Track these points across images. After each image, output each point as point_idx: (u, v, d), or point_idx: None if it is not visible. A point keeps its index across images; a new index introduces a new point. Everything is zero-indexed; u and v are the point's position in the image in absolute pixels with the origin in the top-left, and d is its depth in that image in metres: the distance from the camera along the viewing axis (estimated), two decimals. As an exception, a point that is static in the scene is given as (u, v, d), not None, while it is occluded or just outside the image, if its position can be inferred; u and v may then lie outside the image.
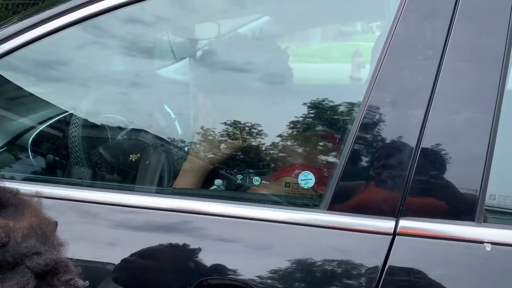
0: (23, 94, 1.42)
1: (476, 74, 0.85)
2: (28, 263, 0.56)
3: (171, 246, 0.92)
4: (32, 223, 0.61)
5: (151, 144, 1.32)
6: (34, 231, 0.60)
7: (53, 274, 0.57)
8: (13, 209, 0.63)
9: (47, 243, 0.61)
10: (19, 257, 0.56)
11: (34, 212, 0.64)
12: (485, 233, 0.81)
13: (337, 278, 0.83)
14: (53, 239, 0.64)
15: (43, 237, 0.61)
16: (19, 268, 0.55)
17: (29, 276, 0.55)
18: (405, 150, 0.84)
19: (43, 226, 0.63)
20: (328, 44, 1.81)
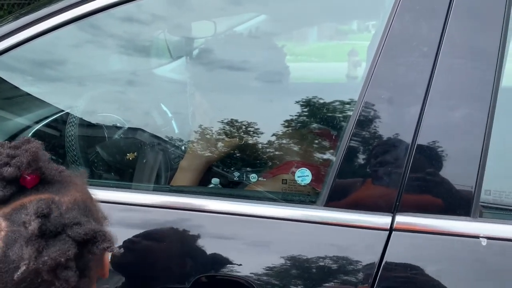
0: (19, 94, 1.42)
1: (471, 72, 0.85)
2: (70, 232, 0.61)
3: (169, 243, 0.92)
4: (76, 198, 0.68)
5: (148, 143, 1.32)
6: (77, 204, 0.67)
7: (92, 243, 0.62)
8: (59, 185, 0.68)
9: (88, 215, 0.68)
10: (61, 227, 0.61)
11: (79, 188, 0.71)
12: (481, 228, 0.81)
13: (334, 274, 0.84)
14: (94, 213, 0.70)
15: (85, 210, 0.68)
16: (61, 237, 0.60)
17: (70, 244, 0.60)
18: (401, 147, 0.85)
19: (86, 201, 0.70)
20: (324, 43, 1.82)
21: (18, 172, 0.64)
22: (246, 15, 1.59)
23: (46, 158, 0.68)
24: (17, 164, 0.64)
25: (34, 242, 0.58)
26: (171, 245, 0.92)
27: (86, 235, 0.61)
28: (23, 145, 0.67)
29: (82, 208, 0.67)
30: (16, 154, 0.66)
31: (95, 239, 0.62)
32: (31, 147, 0.66)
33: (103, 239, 0.62)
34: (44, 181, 0.67)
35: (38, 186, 0.67)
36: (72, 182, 0.70)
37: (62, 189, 0.68)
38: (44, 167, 0.67)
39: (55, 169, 0.68)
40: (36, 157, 0.65)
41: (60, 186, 0.68)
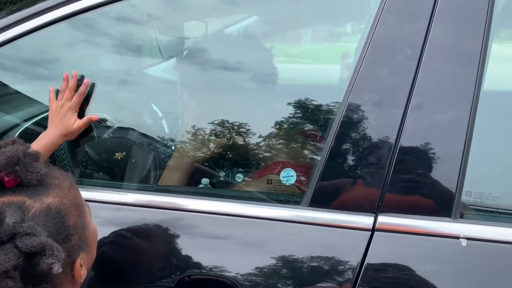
0: (8, 92, 1.42)
1: (453, 74, 0.87)
2: (18, 242, 0.61)
3: (155, 242, 0.93)
4: (50, 203, 0.68)
5: (137, 143, 1.33)
6: (48, 210, 0.67)
7: (40, 256, 0.61)
8: (39, 188, 0.68)
9: (59, 222, 0.67)
10: (9, 236, 0.61)
11: (60, 193, 0.70)
12: (461, 229, 0.83)
13: (318, 273, 0.85)
14: (71, 219, 0.70)
15: (57, 217, 0.67)
16: (5, 246, 0.60)
17: (13, 254, 0.60)
18: (384, 148, 0.86)
19: (63, 208, 0.69)
20: (317, 45, 1.83)
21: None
22: (238, 16, 1.59)
23: (28, 160, 0.69)
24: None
25: None
26: (156, 244, 0.93)
27: (33, 247, 0.61)
28: (6, 145, 0.68)
29: (53, 214, 0.67)
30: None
31: (43, 253, 0.61)
32: (8, 150, 0.67)
33: (50, 254, 0.61)
34: (24, 183, 0.68)
35: (17, 187, 0.67)
36: (55, 185, 0.71)
37: (40, 193, 0.68)
38: (21, 170, 0.67)
39: (36, 172, 0.68)
40: (11, 161, 0.66)
41: (39, 190, 0.68)
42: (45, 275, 0.63)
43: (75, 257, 0.71)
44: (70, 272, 0.71)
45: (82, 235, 0.73)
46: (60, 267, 0.61)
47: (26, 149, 0.70)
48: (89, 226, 0.76)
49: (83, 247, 0.72)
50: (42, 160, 0.72)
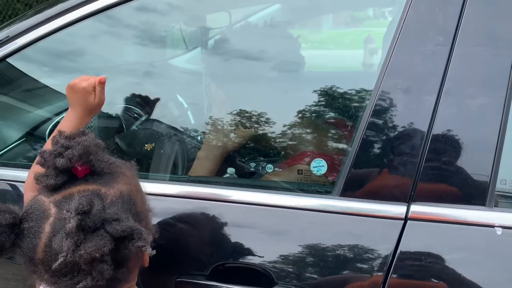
0: (39, 86, 1.45)
1: (487, 60, 0.85)
2: (108, 228, 0.63)
3: (187, 231, 0.94)
4: (122, 190, 0.71)
5: (165, 134, 1.34)
6: (122, 197, 0.70)
7: (129, 240, 0.64)
8: (108, 176, 0.71)
9: (132, 208, 0.71)
10: (100, 222, 0.63)
11: (127, 180, 0.73)
12: (496, 217, 0.81)
13: (349, 262, 0.85)
14: (139, 205, 0.73)
15: (129, 202, 0.71)
16: (99, 232, 0.63)
17: (107, 239, 0.62)
18: (416, 136, 0.85)
19: (132, 193, 0.72)
20: (340, 30, 1.81)
21: (69, 164, 0.68)
22: (260, 5, 1.59)
23: (98, 150, 0.71)
24: (69, 156, 0.68)
25: (74, 235, 0.61)
26: (188, 234, 0.95)
27: (124, 232, 0.63)
28: (77, 136, 0.71)
29: (127, 200, 0.70)
30: (70, 145, 0.69)
31: (132, 237, 0.64)
32: (83, 140, 0.69)
33: (139, 237, 0.64)
34: (95, 172, 0.71)
35: (89, 176, 0.70)
36: (121, 173, 0.74)
37: (111, 181, 0.71)
38: (95, 159, 0.70)
39: (105, 161, 0.71)
40: (87, 151, 0.69)
41: (109, 178, 0.71)
42: (125, 260, 0.66)
43: None
44: (141, 256, 0.73)
45: (148, 220, 0.76)
46: (150, 249, 0.64)
47: (94, 140, 0.72)
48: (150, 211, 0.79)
49: (151, 231, 0.75)
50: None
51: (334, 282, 0.85)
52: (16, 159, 1.35)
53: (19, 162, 1.33)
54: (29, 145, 1.42)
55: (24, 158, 1.37)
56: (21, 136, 1.41)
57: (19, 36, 1.12)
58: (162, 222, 0.93)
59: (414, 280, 0.83)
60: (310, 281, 0.86)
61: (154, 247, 0.67)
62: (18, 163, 1.32)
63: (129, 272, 0.71)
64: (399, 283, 0.83)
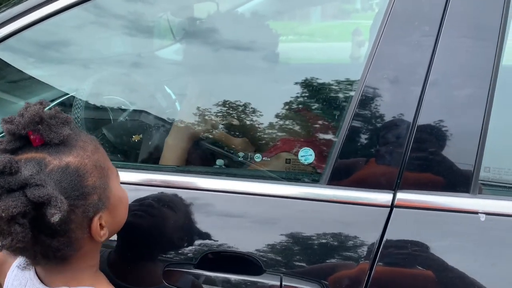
0: (24, 77, 1.43)
1: (471, 50, 0.86)
2: (27, 192, 0.65)
3: (175, 221, 0.94)
4: (69, 163, 0.72)
5: (153, 125, 1.34)
6: (65, 169, 0.71)
7: (46, 206, 0.65)
8: (62, 147, 0.73)
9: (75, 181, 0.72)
10: (18, 184, 0.65)
11: (83, 154, 0.74)
12: (480, 204, 0.83)
13: (337, 250, 0.86)
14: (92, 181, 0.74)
15: (74, 176, 0.72)
16: (14, 194, 0.65)
17: (21, 202, 0.64)
18: (402, 126, 0.86)
19: (83, 168, 0.73)
20: (327, 22, 1.81)
21: (16, 130, 0.71)
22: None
23: (54, 122, 0.73)
24: (17, 122, 0.71)
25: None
26: (177, 223, 0.95)
27: (41, 197, 0.65)
28: (33, 105, 0.73)
29: (71, 173, 0.72)
30: (23, 114, 0.72)
31: (49, 203, 0.65)
32: (32, 109, 0.72)
33: (54, 205, 0.65)
34: (47, 142, 0.72)
35: (43, 146, 0.72)
36: (79, 147, 0.75)
37: (62, 152, 0.73)
38: (44, 129, 0.72)
39: (59, 132, 0.73)
40: (33, 119, 0.71)
41: (61, 149, 0.73)
42: (60, 228, 0.68)
43: (91, 215, 0.74)
44: (87, 229, 0.75)
45: (102, 195, 0.76)
46: (58, 217, 0.65)
47: (55, 113, 0.74)
48: (112, 189, 0.79)
49: (100, 206, 0.76)
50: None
51: (321, 269, 0.86)
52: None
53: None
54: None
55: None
56: (6, 127, 1.39)
57: (2, 25, 1.10)
58: (150, 211, 0.93)
59: (400, 267, 0.84)
60: (298, 269, 0.87)
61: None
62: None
63: (71, 243, 0.73)
64: (385, 270, 0.84)
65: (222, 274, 0.89)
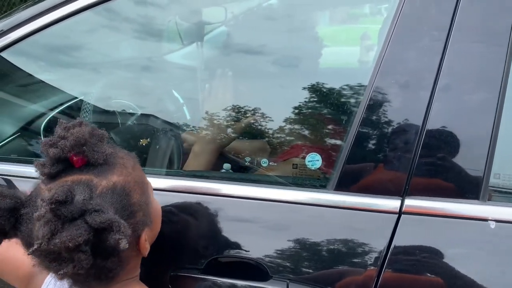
0: (34, 81, 1.44)
1: (481, 55, 0.85)
2: (88, 218, 0.64)
3: (182, 225, 0.94)
4: (115, 181, 0.71)
5: (160, 129, 1.34)
6: (114, 188, 0.71)
7: (108, 232, 0.64)
8: (105, 167, 0.72)
9: (124, 200, 0.71)
10: (79, 212, 0.64)
11: (125, 172, 0.74)
12: (490, 211, 0.82)
13: (344, 256, 0.85)
14: (135, 196, 0.73)
15: (122, 195, 0.71)
16: (76, 222, 0.63)
17: (84, 230, 0.63)
18: (411, 131, 0.85)
19: (128, 186, 0.73)
20: (335, 27, 1.81)
21: (61, 154, 0.70)
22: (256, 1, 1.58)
23: (95, 141, 0.72)
24: (62, 146, 0.70)
25: (51, 223, 0.62)
26: (184, 228, 0.95)
27: (102, 223, 0.64)
28: (74, 127, 0.72)
29: (119, 192, 0.71)
30: (65, 136, 0.71)
31: (111, 229, 0.64)
32: (77, 131, 0.71)
33: (117, 230, 0.64)
34: (91, 163, 0.72)
35: (85, 166, 0.71)
36: (120, 165, 0.74)
37: (106, 172, 0.72)
38: (89, 150, 0.71)
39: (101, 152, 0.72)
40: (79, 142, 0.70)
41: (105, 169, 0.72)
42: (113, 249, 0.67)
43: (139, 232, 0.74)
44: (136, 246, 0.75)
45: (146, 212, 0.76)
46: (127, 243, 0.64)
47: (92, 130, 0.73)
48: (152, 203, 0.79)
49: (147, 223, 0.76)
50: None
51: (328, 275, 0.85)
52: (10, 153, 1.35)
53: (14, 157, 1.33)
54: (24, 140, 1.42)
55: (19, 153, 1.37)
56: (16, 131, 1.41)
57: (13, 30, 1.11)
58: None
59: (407, 274, 0.83)
60: (305, 275, 0.86)
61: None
62: (12, 157, 1.32)
63: (122, 262, 0.72)
64: (393, 276, 0.83)
65: (228, 280, 0.89)
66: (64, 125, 0.72)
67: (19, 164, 1.14)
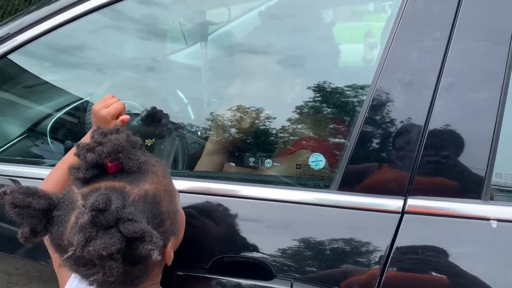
0: (40, 82, 1.46)
1: (483, 54, 0.85)
2: (121, 227, 0.64)
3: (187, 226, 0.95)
4: (147, 190, 0.72)
5: (165, 129, 1.35)
6: (146, 196, 0.71)
7: (140, 241, 0.64)
8: (137, 174, 0.72)
9: (155, 208, 0.71)
10: (114, 221, 0.64)
11: (156, 180, 0.74)
12: (492, 211, 0.82)
13: (347, 255, 0.86)
14: (164, 205, 0.74)
15: (153, 203, 0.71)
16: (110, 231, 0.63)
17: (117, 239, 0.63)
18: (413, 131, 0.86)
19: (159, 194, 0.73)
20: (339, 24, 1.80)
21: (98, 159, 0.70)
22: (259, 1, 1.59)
23: (131, 148, 0.73)
24: (99, 152, 0.70)
25: (86, 230, 0.62)
26: (188, 228, 0.96)
27: (135, 233, 0.64)
28: (111, 134, 0.72)
29: (150, 200, 0.71)
30: (102, 142, 0.71)
31: (143, 239, 0.64)
32: (115, 138, 0.71)
33: (149, 240, 0.64)
34: (125, 170, 0.72)
35: (119, 173, 0.72)
36: (151, 173, 0.75)
37: (138, 179, 0.72)
38: (124, 157, 0.71)
39: (136, 160, 0.72)
40: (116, 149, 0.70)
41: (138, 176, 0.72)
42: (142, 258, 0.67)
43: (167, 241, 0.75)
44: (162, 254, 0.75)
45: (174, 220, 0.77)
46: (159, 255, 0.64)
47: (128, 137, 0.73)
48: (179, 211, 0.80)
49: (174, 231, 0.76)
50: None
51: (331, 275, 0.86)
52: (17, 155, 1.36)
53: (20, 158, 1.35)
54: (30, 141, 1.44)
55: (25, 154, 1.38)
56: (22, 132, 1.42)
57: (20, 32, 1.13)
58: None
59: (410, 273, 0.84)
60: (308, 274, 0.87)
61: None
62: (19, 159, 1.33)
63: (147, 269, 0.73)
64: (396, 276, 0.84)
65: (233, 279, 0.90)
66: (102, 131, 0.73)
67: (26, 166, 1.16)
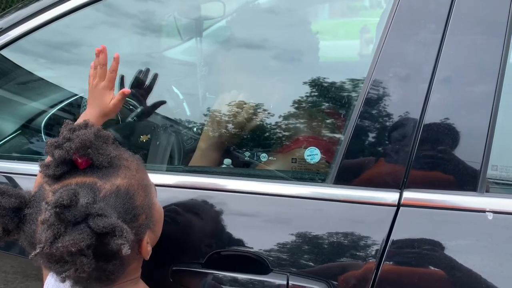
0: (34, 79, 1.45)
1: (478, 48, 0.85)
2: (91, 223, 0.63)
3: (183, 221, 0.95)
4: (119, 185, 0.71)
5: (161, 125, 1.35)
6: (118, 191, 0.70)
7: (110, 236, 0.64)
8: (109, 169, 0.72)
9: (127, 203, 0.70)
10: (82, 216, 0.63)
11: (129, 175, 0.73)
12: (488, 203, 0.83)
13: (343, 249, 0.86)
14: (138, 199, 0.73)
15: (125, 198, 0.71)
16: (79, 226, 0.63)
17: (86, 234, 0.62)
18: (409, 124, 0.86)
19: (132, 189, 0.72)
20: (335, 20, 1.80)
21: (66, 156, 0.69)
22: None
23: (101, 143, 0.72)
24: (67, 148, 0.69)
25: (55, 227, 0.61)
26: (184, 223, 0.95)
27: (105, 228, 0.63)
28: (79, 129, 0.71)
29: (122, 195, 0.71)
30: (71, 137, 0.70)
31: (113, 234, 0.64)
32: (82, 133, 0.70)
33: (120, 235, 0.64)
34: (96, 165, 0.71)
35: (89, 168, 0.71)
36: (124, 167, 0.74)
37: (110, 174, 0.71)
38: (94, 153, 0.70)
39: (106, 155, 0.71)
40: (84, 144, 0.69)
41: (109, 171, 0.72)
42: (115, 253, 0.66)
43: (142, 235, 0.74)
44: (138, 249, 0.75)
45: (149, 214, 0.76)
46: (129, 248, 0.64)
47: (97, 132, 0.72)
48: (155, 205, 0.79)
49: (149, 225, 0.76)
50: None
51: (327, 268, 0.86)
52: (11, 151, 1.36)
53: (14, 155, 1.34)
54: (25, 138, 1.43)
55: (19, 150, 1.38)
56: (17, 128, 1.41)
57: (12, 27, 1.12)
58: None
59: (406, 266, 0.84)
60: (304, 268, 0.87)
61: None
62: (13, 155, 1.33)
63: (123, 265, 0.72)
64: (392, 269, 0.84)
65: (229, 273, 0.90)
66: (70, 127, 0.72)
67: (20, 162, 1.15)
